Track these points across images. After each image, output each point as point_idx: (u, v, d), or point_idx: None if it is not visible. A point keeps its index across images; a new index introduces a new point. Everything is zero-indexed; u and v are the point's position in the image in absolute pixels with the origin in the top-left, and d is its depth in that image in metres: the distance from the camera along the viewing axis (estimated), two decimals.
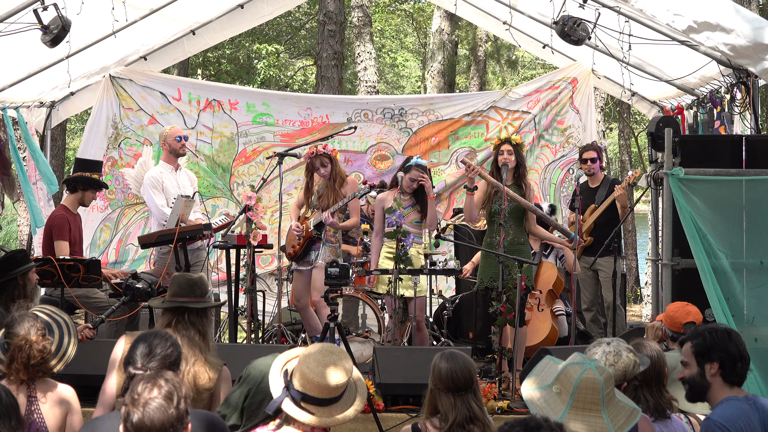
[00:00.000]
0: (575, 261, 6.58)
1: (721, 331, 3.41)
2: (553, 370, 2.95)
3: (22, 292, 4.75)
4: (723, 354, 3.33)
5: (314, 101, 9.37)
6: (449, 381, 3.35)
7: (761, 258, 5.33)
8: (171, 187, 6.94)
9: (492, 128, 9.18)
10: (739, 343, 3.36)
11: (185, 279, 3.95)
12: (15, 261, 4.80)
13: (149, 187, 6.90)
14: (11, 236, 19.17)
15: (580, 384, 2.79)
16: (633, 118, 18.94)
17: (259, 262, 8.70)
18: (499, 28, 8.94)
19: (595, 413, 2.78)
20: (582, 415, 2.78)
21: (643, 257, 14.78)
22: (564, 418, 2.76)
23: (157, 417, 2.49)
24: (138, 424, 2.49)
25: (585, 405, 2.78)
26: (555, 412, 2.80)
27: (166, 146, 7.06)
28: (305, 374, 2.88)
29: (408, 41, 25.07)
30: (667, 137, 5.53)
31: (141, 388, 2.54)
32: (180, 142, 7.01)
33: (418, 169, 6.52)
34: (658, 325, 4.52)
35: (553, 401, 2.83)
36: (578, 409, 2.78)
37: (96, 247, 8.89)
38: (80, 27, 6.27)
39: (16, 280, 4.73)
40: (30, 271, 4.80)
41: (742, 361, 3.35)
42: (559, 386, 2.83)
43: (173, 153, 7.04)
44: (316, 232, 6.54)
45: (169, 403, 2.52)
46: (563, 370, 2.86)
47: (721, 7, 5.67)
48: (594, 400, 2.78)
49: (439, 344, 7.11)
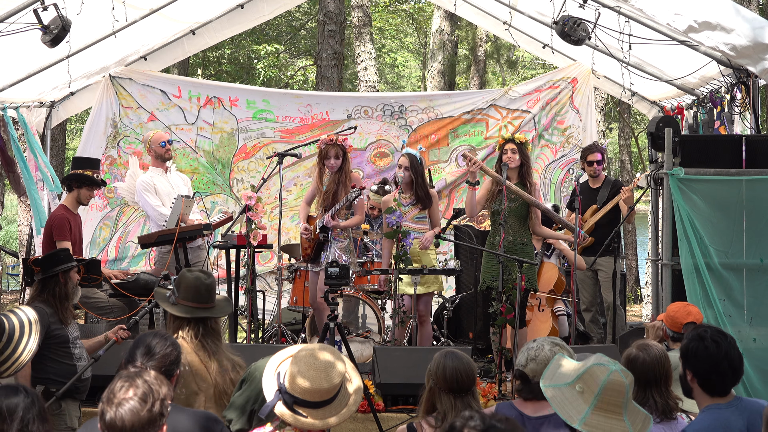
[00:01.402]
0: (575, 259, 6.56)
1: (706, 339, 3.34)
2: (570, 367, 2.95)
3: (63, 290, 4.77)
4: (696, 366, 3.32)
5: (314, 98, 9.39)
6: (453, 381, 3.33)
7: (761, 257, 5.33)
8: (164, 188, 6.93)
9: (492, 127, 9.19)
10: (718, 355, 3.29)
11: (203, 284, 3.90)
12: (57, 259, 4.83)
13: (142, 191, 6.88)
14: (11, 236, 19.17)
15: (606, 385, 2.80)
16: (633, 118, 18.94)
17: (259, 259, 8.71)
18: (499, 28, 8.94)
19: (617, 415, 2.79)
20: (604, 416, 2.79)
21: (643, 257, 14.78)
22: (587, 417, 2.77)
23: (128, 418, 2.48)
24: (109, 423, 2.49)
25: (608, 407, 2.79)
26: (578, 410, 2.81)
27: (152, 152, 7.03)
28: (297, 377, 2.85)
29: (408, 41, 25.07)
30: (667, 137, 5.53)
31: (118, 387, 2.54)
32: (165, 147, 6.99)
33: (405, 157, 6.52)
34: (659, 325, 4.51)
35: (575, 399, 2.84)
36: (601, 410, 2.79)
37: (96, 245, 8.90)
38: (80, 27, 6.27)
39: (57, 277, 4.75)
40: (71, 270, 4.83)
41: (717, 374, 3.29)
42: (583, 385, 2.84)
43: (160, 158, 7.01)
44: (323, 234, 6.54)
45: (142, 404, 2.50)
46: (587, 370, 2.86)
47: (721, 7, 5.67)
48: (618, 402, 2.80)
49: (439, 344, 7.11)
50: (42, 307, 4.74)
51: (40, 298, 4.78)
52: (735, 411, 3.30)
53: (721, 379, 3.32)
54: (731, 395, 3.36)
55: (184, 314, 3.91)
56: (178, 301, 3.95)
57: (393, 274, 6.08)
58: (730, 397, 3.35)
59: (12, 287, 14.21)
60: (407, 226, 6.42)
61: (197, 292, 3.89)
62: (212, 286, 3.95)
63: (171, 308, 3.96)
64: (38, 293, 4.80)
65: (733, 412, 3.30)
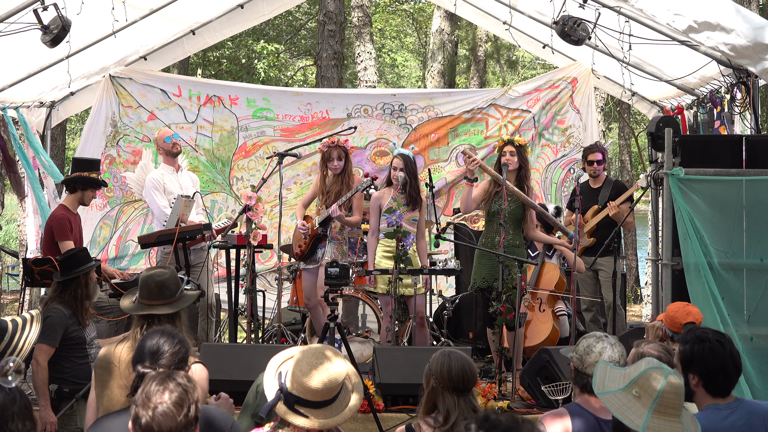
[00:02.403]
0: (575, 259, 6.56)
1: (709, 340, 3.37)
2: (618, 373, 2.97)
3: (84, 291, 4.78)
4: (702, 369, 3.33)
5: (314, 96, 9.38)
6: (459, 381, 3.33)
7: (761, 257, 5.33)
8: (173, 188, 6.99)
9: (492, 126, 9.19)
10: (723, 355, 3.33)
11: (154, 281, 3.77)
12: (78, 260, 4.82)
13: (151, 189, 6.97)
14: (11, 236, 19.17)
15: (665, 388, 2.81)
16: (633, 118, 18.95)
17: (259, 258, 8.70)
18: (499, 28, 8.94)
19: (675, 418, 2.82)
20: (664, 419, 2.81)
21: (643, 257, 14.78)
22: (648, 421, 2.79)
23: (165, 423, 2.49)
24: (146, 427, 2.49)
25: (667, 410, 2.81)
26: (638, 415, 2.83)
27: (161, 150, 7.21)
28: (298, 377, 2.86)
29: (408, 41, 25.06)
30: (667, 137, 5.53)
31: (153, 390, 2.54)
32: (170, 143, 7.14)
33: (398, 158, 6.52)
34: (659, 325, 4.52)
35: (633, 405, 2.86)
36: (660, 413, 2.81)
37: (96, 244, 8.91)
38: (80, 27, 6.27)
39: (78, 279, 4.74)
40: (91, 270, 4.83)
41: (723, 375, 3.33)
42: (639, 390, 2.85)
43: (169, 154, 7.17)
44: (322, 229, 6.55)
45: (179, 409, 2.51)
46: (643, 374, 2.88)
47: (721, 7, 5.66)
48: (676, 405, 2.82)
49: (439, 344, 7.11)
50: (60, 309, 4.74)
51: (59, 299, 4.77)
52: (735, 412, 3.31)
53: (727, 379, 3.34)
54: (731, 396, 3.36)
55: (130, 311, 3.81)
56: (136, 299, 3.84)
57: (393, 274, 6.08)
58: (730, 398, 3.36)
59: (12, 287, 14.21)
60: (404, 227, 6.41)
61: (146, 289, 3.76)
62: (164, 283, 3.76)
63: (123, 303, 3.86)
64: (58, 294, 4.79)
65: (733, 412, 3.30)
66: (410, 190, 6.49)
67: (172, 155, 7.17)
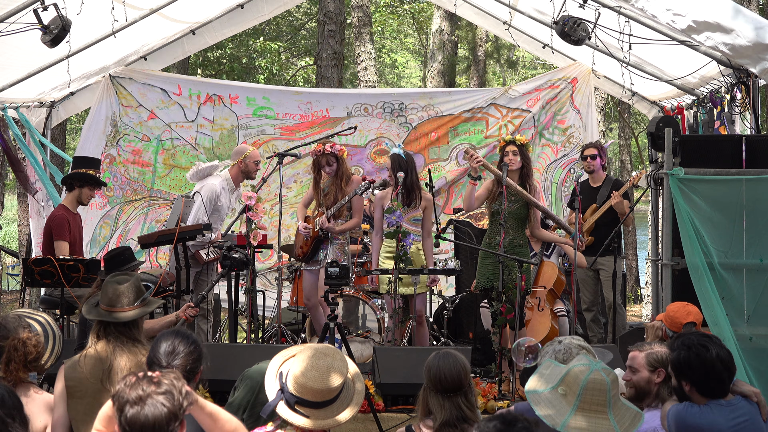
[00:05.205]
0: (575, 257, 6.56)
1: (694, 346, 3.36)
2: (557, 371, 2.93)
3: None
4: (692, 376, 3.34)
5: (314, 95, 9.39)
6: (437, 382, 3.32)
7: (761, 257, 5.33)
8: (223, 207, 6.89)
9: (492, 125, 9.20)
10: (710, 359, 3.32)
11: (113, 288, 3.73)
12: (123, 258, 4.84)
13: (205, 196, 6.76)
14: (11, 236, 19.17)
15: (587, 385, 2.77)
16: (633, 118, 18.94)
17: (259, 257, 8.70)
18: (498, 28, 8.95)
19: (602, 414, 2.77)
20: (588, 416, 2.77)
21: (643, 257, 14.79)
22: (570, 419, 2.75)
23: (151, 413, 2.48)
24: (131, 419, 2.49)
25: (591, 406, 2.77)
26: (561, 413, 2.79)
27: (243, 164, 6.92)
28: (299, 377, 2.86)
29: (408, 41, 25.05)
30: (667, 137, 5.52)
31: (137, 384, 2.54)
32: (257, 167, 6.96)
33: (389, 158, 6.51)
34: (659, 325, 4.52)
35: (558, 402, 2.81)
36: (584, 410, 2.77)
37: (96, 244, 8.93)
38: (80, 27, 6.27)
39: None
40: (136, 269, 4.84)
41: (714, 378, 3.32)
42: (565, 388, 2.82)
43: (245, 174, 6.95)
44: (323, 231, 6.54)
45: (169, 401, 2.52)
46: (569, 372, 2.84)
47: (721, 7, 5.66)
48: (601, 401, 2.77)
49: (439, 344, 7.11)
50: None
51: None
52: (734, 409, 3.31)
53: (720, 381, 3.33)
54: (730, 396, 3.36)
55: (86, 315, 3.80)
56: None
57: (393, 274, 6.08)
58: (729, 397, 3.36)
59: (12, 287, 14.20)
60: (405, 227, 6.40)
61: (105, 295, 3.75)
62: (120, 291, 3.71)
63: (84, 308, 3.86)
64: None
65: (732, 410, 3.30)
66: (406, 185, 6.41)
67: (247, 177, 6.96)
